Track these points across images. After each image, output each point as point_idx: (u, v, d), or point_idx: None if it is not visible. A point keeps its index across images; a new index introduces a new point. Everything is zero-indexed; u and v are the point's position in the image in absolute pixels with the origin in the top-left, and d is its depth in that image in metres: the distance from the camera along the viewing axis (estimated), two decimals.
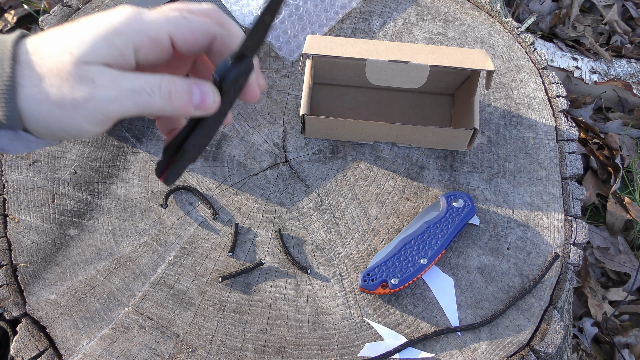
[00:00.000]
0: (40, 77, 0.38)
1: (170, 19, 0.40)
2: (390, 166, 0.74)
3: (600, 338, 1.17)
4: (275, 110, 0.78)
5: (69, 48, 0.38)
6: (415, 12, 0.87)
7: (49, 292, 0.65)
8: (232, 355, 0.63)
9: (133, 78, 0.39)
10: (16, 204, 0.70)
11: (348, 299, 0.66)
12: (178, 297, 0.65)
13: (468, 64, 0.69)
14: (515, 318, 0.66)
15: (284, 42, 0.81)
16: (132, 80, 0.39)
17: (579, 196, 0.74)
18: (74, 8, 0.84)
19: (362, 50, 0.70)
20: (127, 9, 0.39)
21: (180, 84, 0.40)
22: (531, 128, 0.78)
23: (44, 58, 0.38)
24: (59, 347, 0.62)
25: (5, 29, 1.43)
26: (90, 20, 0.39)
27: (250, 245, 0.69)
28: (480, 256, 0.69)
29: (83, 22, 0.39)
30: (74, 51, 0.38)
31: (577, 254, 0.70)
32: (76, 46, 0.38)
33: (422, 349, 0.64)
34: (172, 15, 0.41)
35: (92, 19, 0.39)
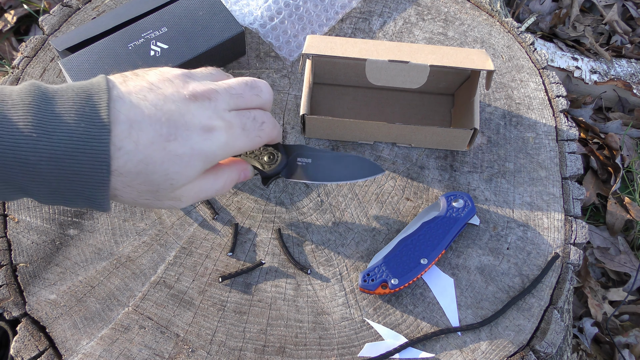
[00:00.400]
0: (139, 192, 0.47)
1: (251, 142, 0.53)
2: (390, 166, 0.74)
3: (600, 338, 1.17)
4: (275, 110, 0.78)
5: (170, 179, 0.47)
6: (415, 12, 0.87)
7: (49, 292, 0.65)
8: (232, 355, 0.63)
9: (207, 188, 0.52)
10: (16, 204, 0.70)
11: (348, 299, 0.66)
12: (178, 297, 0.65)
13: (468, 64, 0.69)
14: (515, 318, 0.66)
15: (284, 42, 0.81)
16: (209, 189, 0.52)
17: (579, 196, 0.74)
18: (74, 8, 0.84)
19: (362, 50, 0.70)
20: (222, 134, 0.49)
21: (235, 176, 0.56)
22: (531, 128, 0.78)
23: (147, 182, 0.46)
24: (59, 347, 0.62)
25: (5, 28, 1.43)
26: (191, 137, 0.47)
27: (250, 245, 0.69)
28: (480, 256, 0.69)
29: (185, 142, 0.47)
30: (175, 182, 0.48)
31: (577, 254, 0.70)
32: (177, 179, 0.48)
33: (422, 349, 0.64)
34: (253, 138, 0.53)
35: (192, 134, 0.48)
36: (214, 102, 0.49)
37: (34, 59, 0.79)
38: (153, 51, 0.73)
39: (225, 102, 0.50)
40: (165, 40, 0.74)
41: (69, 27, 0.82)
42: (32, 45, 0.80)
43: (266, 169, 0.61)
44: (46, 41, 0.81)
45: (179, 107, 0.47)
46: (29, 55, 0.79)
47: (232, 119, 0.50)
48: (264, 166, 0.61)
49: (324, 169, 0.63)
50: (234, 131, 0.50)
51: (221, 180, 0.54)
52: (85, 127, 0.42)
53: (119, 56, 0.72)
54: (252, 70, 0.80)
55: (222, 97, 0.50)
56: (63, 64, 0.72)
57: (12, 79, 0.77)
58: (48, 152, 0.41)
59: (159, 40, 0.74)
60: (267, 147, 0.61)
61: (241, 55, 0.81)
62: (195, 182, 0.50)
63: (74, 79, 0.71)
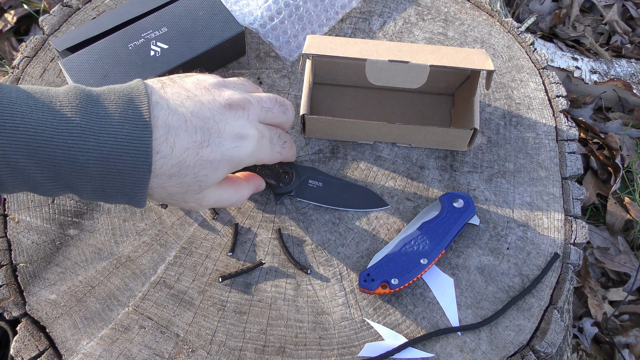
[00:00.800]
0: (169, 193, 0.50)
1: (273, 156, 0.56)
2: (390, 166, 0.74)
3: (600, 338, 1.17)
4: None
5: (198, 182, 0.50)
6: (415, 12, 0.87)
7: (49, 292, 0.65)
8: (232, 355, 0.63)
9: (226, 198, 0.56)
10: (16, 204, 0.70)
11: (348, 299, 0.66)
12: (178, 297, 0.65)
13: (468, 64, 0.69)
14: (515, 318, 0.66)
15: (284, 42, 0.81)
16: (228, 199, 0.56)
17: (579, 196, 0.74)
18: (74, 8, 0.84)
19: (362, 50, 0.70)
20: (252, 143, 0.52)
21: (252, 190, 0.61)
22: (531, 128, 0.78)
23: (179, 184, 0.49)
24: (59, 347, 0.62)
25: (5, 28, 1.43)
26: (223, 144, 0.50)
27: (250, 245, 0.69)
28: (480, 256, 0.69)
29: (217, 148, 0.50)
30: (203, 184, 0.50)
31: (577, 254, 0.70)
32: (205, 181, 0.50)
33: (422, 349, 0.64)
34: (275, 152, 0.56)
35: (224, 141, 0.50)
36: (247, 112, 0.52)
37: (34, 59, 0.79)
38: (153, 51, 0.73)
39: (256, 113, 0.53)
40: (165, 40, 0.74)
41: (69, 27, 0.82)
42: (32, 45, 0.80)
43: (281, 186, 0.68)
44: (46, 41, 0.81)
45: (214, 114, 0.50)
46: (29, 55, 0.79)
47: (264, 130, 0.53)
48: (279, 183, 0.68)
49: (332, 195, 0.69)
50: (263, 142, 0.53)
51: (240, 193, 0.58)
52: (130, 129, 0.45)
53: (119, 56, 0.72)
54: (252, 70, 0.80)
55: (254, 108, 0.53)
56: (63, 64, 0.72)
57: (12, 79, 0.77)
58: (95, 151, 0.44)
59: (159, 40, 0.74)
60: (284, 165, 0.68)
61: (241, 55, 0.81)
62: (217, 189, 0.54)
63: (74, 79, 0.71)
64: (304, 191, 0.69)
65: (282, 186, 0.68)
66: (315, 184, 0.69)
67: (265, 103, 0.55)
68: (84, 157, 0.44)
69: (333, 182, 0.70)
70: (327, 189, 0.69)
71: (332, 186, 0.70)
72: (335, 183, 0.70)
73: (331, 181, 0.70)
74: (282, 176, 0.67)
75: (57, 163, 0.43)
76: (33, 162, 0.43)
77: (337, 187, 0.70)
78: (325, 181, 0.70)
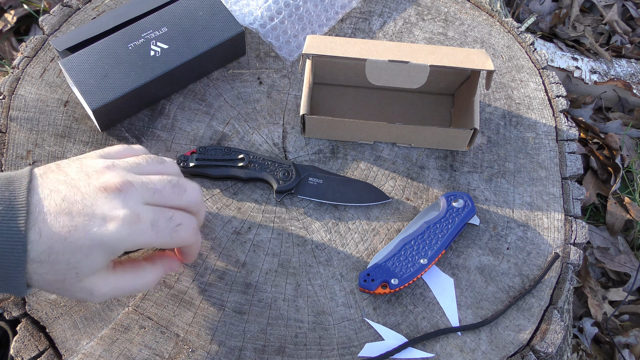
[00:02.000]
0: (46, 281, 0.48)
1: (161, 240, 0.51)
2: (390, 166, 0.74)
3: (600, 338, 1.17)
4: (275, 110, 0.78)
5: (73, 269, 0.48)
6: (415, 12, 0.87)
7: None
8: (232, 355, 0.63)
9: (124, 286, 0.52)
10: None
11: (348, 299, 0.66)
12: (178, 297, 0.65)
13: (468, 64, 0.69)
14: (515, 318, 0.66)
15: (284, 42, 0.81)
16: (129, 286, 0.53)
17: (579, 196, 0.74)
18: (74, 8, 0.84)
19: (362, 50, 0.70)
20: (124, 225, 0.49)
21: (161, 274, 0.56)
22: (531, 128, 0.78)
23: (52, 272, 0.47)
24: (59, 347, 0.62)
25: (5, 28, 1.43)
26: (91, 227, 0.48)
27: (250, 245, 0.69)
28: (480, 256, 0.69)
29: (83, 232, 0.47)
30: (79, 272, 0.48)
31: (577, 254, 0.70)
32: (80, 268, 0.48)
33: (422, 349, 0.64)
34: (164, 236, 0.51)
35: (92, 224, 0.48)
36: (124, 194, 0.49)
37: (34, 59, 0.79)
38: (153, 51, 0.73)
39: (139, 195, 0.50)
40: (165, 40, 0.74)
41: (69, 27, 0.82)
42: (32, 45, 0.80)
43: (281, 184, 0.68)
44: (46, 41, 0.81)
45: (84, 197, 0.48)
46: (29, 55, 0.79)
47: (142, 213, 0.50)
48: (279, 182, 0.68)
49: (333, 191, 0.70)
50: (140, 225, 0.49)
51: (143, 278, 0.54)
52: (4, 211, 0.45)
53: (119, 56, 0.72)
54: (252, 70, 0.80)
55: (136, 190, 0.50)
56: (63, 64, 0.72)
57: (12, 79, 0.77)
58: None
59: (159, 40, 0.74)
60: (282, 164, 0.69)
61: (241, 55, 0.81)
62: (110, 277, 0.51)
63: (74, 79, 0.71)
64: (305, 188, 0.70)
65: (282, 184, 0.68)
66: (316, 182, 0.69)
67: (152, 184, 0.51)
68: None
69: (333, 178, 0.70)
70: (328, 185, 0.70)
71: (332, 182, 0.70)
72: (335, 179, 0.70)
73: (331, 178, 0.70)
74: (282, 174, 0.68)
75: None
76: None
77: (338, 182, 0.70)
78: (326, 178, 0.70)
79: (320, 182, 0.69)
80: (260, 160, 0.70)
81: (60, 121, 0.75)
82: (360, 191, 0.70)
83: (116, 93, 0.70)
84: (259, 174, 0.69)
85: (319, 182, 0.69)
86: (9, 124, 0.74)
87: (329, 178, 0.70)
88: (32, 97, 0.76)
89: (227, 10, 0.77)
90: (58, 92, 0.77)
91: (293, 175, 0.69)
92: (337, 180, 0.70)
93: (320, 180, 0.70)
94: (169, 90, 0.77)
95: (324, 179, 0.70)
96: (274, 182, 0.69)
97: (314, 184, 0.69)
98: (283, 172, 0.68)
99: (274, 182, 0.69)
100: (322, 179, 0.70)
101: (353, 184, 0.70)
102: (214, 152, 0.70)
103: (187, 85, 0.78)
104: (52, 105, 0.76)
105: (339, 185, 0.70)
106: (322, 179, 0.70)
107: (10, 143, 0.73)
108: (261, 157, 0.70)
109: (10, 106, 0.75)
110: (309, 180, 0.69)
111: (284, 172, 0.68)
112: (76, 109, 0.76)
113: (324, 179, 0.70)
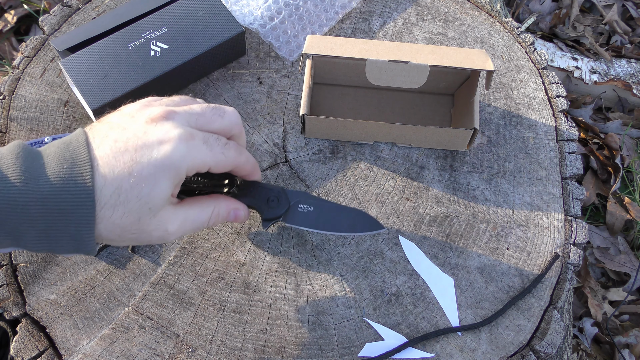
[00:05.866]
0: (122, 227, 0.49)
1: (216, 158, 0.53)
2: (390, 166, 0.74)
3: (600, 338, 1.17)
4: (275, 110, 0.78)
5: (145, 203, 0.48)
6: (415, 12, 0.87)
7: (49, 292, 0.65)
8: (232, 355, 0.63)
9: (193, 218, 0.54)
10: None
11: (348, 299, 0.66)
12: (178, 297, 0.65)
13: (468, 64, 0.69)
14: (515, 318, 0.66)
15: (284, 42, 0.81)
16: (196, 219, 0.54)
17: (579, 196, 0.74)
18: (74, 8, 0.84)
19: (362, 50, 0.70)
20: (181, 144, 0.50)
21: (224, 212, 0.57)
22: (531, 128, 0.78)
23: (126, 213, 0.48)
24: (59, 347, 0.62)
25: (5, 28, 1.43)
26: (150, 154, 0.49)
27: (250, 245, 0.69)
28: (480, 256, 0.69)
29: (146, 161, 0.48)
30: (152, 205, 0.49)
31: (577, 254, 0.70)
32: (151, 200, 0.49)
33: (422, 349, 0.64)
34: (217, 154, 0.53)
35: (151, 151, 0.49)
36: (170, 120, 0.51)
37: (34, 59, 0.79)
38: (153, 51, 0.73)
39: (184, 119, 0.52)
40: (165, 40, 0.74)
41: (69, 27, 0.82)
42: (32, 45, 0.80)
43: (267, 211, 0.62)
44: (46, 41, 0.81)
45: (135, 133, 0.49)
46: (29, 55, 0.79)
47: (193, 131, 0.51)
48: (266, 209, 0.62)
49: (325, 219, 0.64)
50: (195, 142, 0.51)
51: (207, 211, 0.55)
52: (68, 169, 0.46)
53: (119, 56, 0.72)
54: (252, 70, 0.80)
55: (180, 116, 0.52)
56: (63, 64, 0.72)
57: (12, 79, 0.77)
58: (35, 193, 0.44)
59: (159, 40, 0.74)
60: (271, 189, 0.63)
61: (241, 55, 0.81)
62: (177, 211, 0.52)
63: (74, 79, 0.71)
64: (294, 216, 0.64)
65: (270, 211, 0.62)
66: (306, 208, 0.64)
67: (194, 110, 0.53)
68: (24, 200, 0.44)
69: (325, 205, 0.65)
70: (319, 212, 0.64)
71: (324, 210, 0.64)
72: (327, 206, 0.65)
73: (323, 204, 0.65)
74: (269, 200, 0.62)
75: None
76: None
77: (330, 210, 0.65)
78: (317, 205, 0.64)
79: (311, 210, 0.64)
80: (247, 185, 0.62)
81: (60, 121, 0.75)
82: (353, 219, 0.65)
83: (116, 93, 0.70)
84: (245, 200, 0.61)
85: (310, 210, 0.64)
86: (9, 124, 0.74)
87: (320, 205, 0.64)
88: (32, 97, 0.76)
89: (227, 10, 0.77)
90: (58, 92, 0.77)
91: (282, 201, 0.63)
92: (329, 207, 0.65)
93: (310, 207, 0.64)
94: (169, 90, 0.77)
95: (315, 206, 0.64)
96: (261, 209, 0.62)
97: (304, 212, 0.64)
98: (270, 198, 0.62)
99: (261, 209, 0.62)
100: (313, 206, 0.64)
101: (346, 211, 0.65)
102: (199, 177, 0.61)
103: (187, 85, 0.78)
104: (52, 105, 0.76)
105: (331, 212, 0.64)
106: (313, 206, 0.64)
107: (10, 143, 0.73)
108: (248, 182, 0.63)
109: (10, 106, 0.75)
110: (299, 207, 0.64)
111: (270, 198, 0.62)
112: (76, 109, 0.76)
113: (315, 205, 0.64)
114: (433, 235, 0.70)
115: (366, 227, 0.65)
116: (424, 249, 0.69)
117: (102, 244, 0.66)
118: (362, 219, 0.65)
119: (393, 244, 0.70)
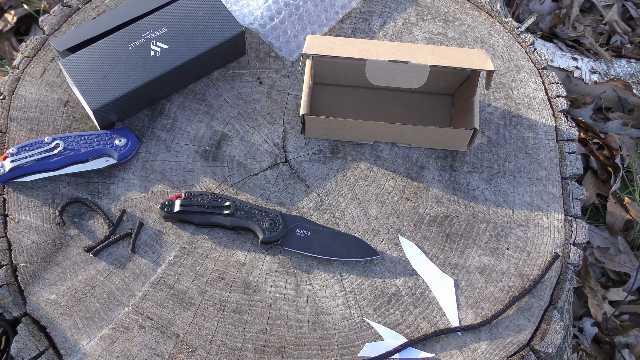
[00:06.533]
0: None
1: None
2: (390, 166, 0.74)
3: (600, 338, 1.17)
4: (275, 110, 0.78)
5: None
6: (415, 12, 0.87)
7: (49, 292, 0.65)
8: (232, 355, 0.63)
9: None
10: (16, 204, 0.70)
11: (348, 299, 0.66)
12: (178, 297, 0.65)
13: (468, 64, 0.69)
14: (515, 318, 0.66)
15: (284, 42, 0.81)
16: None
17: (579, 196, 0.74)
18: (74, 8, 0.84)
19: (362, 50, 0.70)
20: None
21: None
22: (531, 128, 0.78)
23: None
24: (59, 347, 0.62)
25: (5, 28, 1.43)
26: None
27: (250, 245, 0.69)
28: (480, 256, 0.69)
29: None
30: None
31: (577, 254, 0.70)
32: None
33: (422, 349, 0.64)
34: None
35: None
36: None
37: (34, 59, 0.79)
38: (153, 51, 0.73)
39: None
40: (165, 40, 0.74)
41: (69, 27, 0.82)
42: (32, 45, 0.80)
43: (267, 235, 0.66)
44: (46, 41, 0.81)
45: None
46: (29, 55, 0.79)
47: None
48: (265, 232, 0.66)
49: (321, 244, 0.68)
50: None
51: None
52: None
53: (119, 56, 0.72)
54: (252, 70, 0.80)
55: None
56: (63, 64, 0.72)
57: (12, 79, 0.77)
58: None
59: (159, 40, 0.74)
60: (269, 214, 0.67)
61: (241, 55, 0.81)
62: None
63: (74, 79, 0.71)
64: (292, 240, 0.67)
65: (268, 234, 0.66)
66: (303, 233, 0.67)
67: None
68: None
69: (322, 230, 0.68)
70: (316, 237, 0.67)
71: (320, 235, 0.68)
72: (323, 232, 0.68)
73: (320, 230, 0.68)
74: (268, 224, 0.66)
75: None
76: None
77: (326, 236, 0.68)
78: (314, 230, 0.68)
79: (308, 234, 0.67)
80: (247, 208, 0.67)
81: (60, 121, 0.75)
82: (349, 246, 0.68)
83: (116, 93, 0.70)
84: (244, 222, 0.66)
85: (307, 234, 0.67)
86: (9, 124, 0.74)
87: (317, 230, 0.68)
88: (32, 97, 0.76)
89: (227, 10, 0.77)
90: (58, 92, 0.77)
91: (280, 225, 0.67)
92: (325, 233, 0.68)
93: (307, 232, 0.67)
94: (169, 90, 0.77)
95: (312, 231, 0.68)
96: (260, 232, 0.66)
97: (301, 236, 0.67)
98: (270, 222, 0.66)
99: (260, 232, 0.66)
100: (310, 231, 0.68)
101: (342, 237, 0.68)
102: (200, 198, 0.67)
103: (187, 85, 0.78)
104: (52, 105, 0.76)
105: (327, 238, 0.68)
106: (310, 231, 0.68)
107: (10, 143, 0.73)
108: (248, 206, 0.67)
109: (10, 106, 0.75)
110: (296, 231, 0.67)
111: (270, 222, 0.66)
112: (76, 109, 0.76)
113: (312, 230, 0.68)
114: (433, 235, 0.70)
115: (361, 253, 0.67)
116: (424, 249, 0.69)
117: None
118: (357, 246, 0.68)
119: (393, 244, 0.70)
